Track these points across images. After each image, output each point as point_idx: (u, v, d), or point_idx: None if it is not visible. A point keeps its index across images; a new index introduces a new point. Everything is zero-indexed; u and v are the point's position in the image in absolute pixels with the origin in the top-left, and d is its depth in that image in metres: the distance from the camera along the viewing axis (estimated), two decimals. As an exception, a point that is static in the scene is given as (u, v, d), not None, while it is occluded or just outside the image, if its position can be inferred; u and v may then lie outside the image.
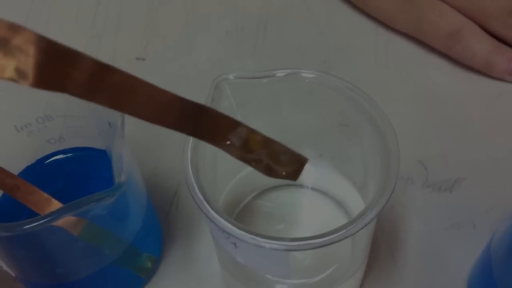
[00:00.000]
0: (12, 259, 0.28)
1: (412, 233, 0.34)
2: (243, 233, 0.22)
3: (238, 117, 0.26)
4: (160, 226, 0.34)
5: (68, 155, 0.33)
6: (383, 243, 0.34)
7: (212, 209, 0.23)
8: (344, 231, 0.23)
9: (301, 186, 0.32)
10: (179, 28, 0.45)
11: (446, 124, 0.39)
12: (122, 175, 0.25)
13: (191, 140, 0.26)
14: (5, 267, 0.29)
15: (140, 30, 0.45)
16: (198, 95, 0.30)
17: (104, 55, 0.43)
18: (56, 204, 0.28)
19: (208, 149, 0.27)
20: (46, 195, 0.28)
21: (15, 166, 0.31)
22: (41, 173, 0.32)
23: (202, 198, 0.24)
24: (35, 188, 0.28)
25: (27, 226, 0.24)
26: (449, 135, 0.38)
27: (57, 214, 0.25)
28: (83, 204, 0.25)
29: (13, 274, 0.29)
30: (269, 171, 0.23)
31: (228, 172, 0.31)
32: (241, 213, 0.32)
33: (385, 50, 0.43)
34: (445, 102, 0.40)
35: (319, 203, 0.32)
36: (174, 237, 0.35)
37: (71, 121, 0.31)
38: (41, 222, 0.24)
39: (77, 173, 0.33)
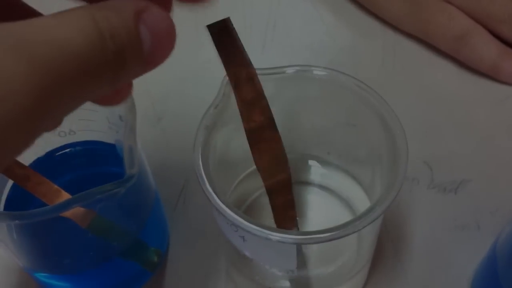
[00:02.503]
0: (21, 249, 0.29)
1: (416, 234, 0.34)
2: (252, 225, 0.23)
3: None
4: (167, 220, 0.34)
5: (78, 148, 0.33)
6: (387, 242, 0.34)
7: (222, 202, 0.23)
8: (351, 226, 0.23)
9: (307, 183, 0.32)
10: (188, 25, 0.45)
11: (452, 126, 0.39)
12: (132, 167, 0.25)
13: (202, 134, 0.26)
14: (13, 258, 0.29)
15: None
16: (206, 91, 0.31)
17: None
18: (65, 196, 0.29)
19: (218, 145, 0.27)
20: (55, 186, 0.29)
21: (25, 158, 0.31)
22: (50, 165, 0.32)
23: (212, 191, 0.24)
24: (45, 179, 0.29)
25: (37, 215, 0.24)
26: (455, 137, 0.39)
27: (67, 204, 0.25)
28: (93, 195, 0.25)
29: (20, 264, 0.29)
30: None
31: (237, 168, 0.31)
32: (248, 209, 0.32)
33: (392, 51, 0.43)
34: (451, 104, 0.40)
35: (325, 200, 0.32)
36: (180, 231, 0.35)
37: (81, 114, 0.31)
38: (50, 211, 0.24)
39: (86, 166, 0.33)
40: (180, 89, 0.42)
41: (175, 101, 0.41)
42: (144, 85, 0.41)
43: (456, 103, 0.40)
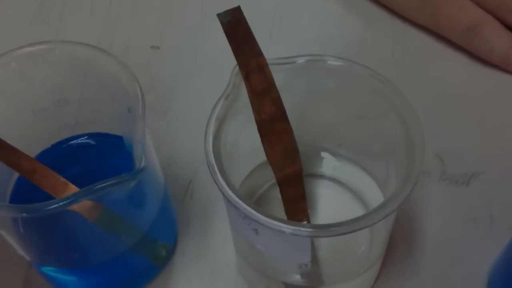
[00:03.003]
0: (27, 243, 0.28)
1: (428, 227, 0.34)
2: (266, 218, 0.22)
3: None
4: (175, 214, 0.34)
5: (84, 140, 0.32)
6: (399, 236, 0.33)
7: (235, 194, 0.23)
8: (366, 219, 0.23)
9: (319, 176, 0.32)
10: (195, 17, 0.45)
11: (463, 118, 0.39)
12: (143, 160, 0.25)
13: (213, 126, 0.25)
14: (20, 252, 0.29)
15: (155, 18, 0.44)
16: (212, 83, 0.30)
17: (119, 43, 0.42)
18: (72, 189, 0.28)
19: (229, 137, 0.26)
20: (63, 179, 0.28)
21: (31, 150, 0.30)
22: (56, 158, 0.32)
23: (225, 183, 0.23)
24: (52, 172, 0.28)
25: (45, 208, 0.24)
26: (466, 129, 0.38)
27: (76, 197, 0.24)
28: (102, 187, 0.24)
29: (28, 259, 0.29)
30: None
31: (247, 160, 0.30)
32: (257, 202, 0.31)
33: (402, 43, 0.43)
34: (462, 96, 0.40)
35: (337, 194, 0.31)
36: (188, 225, 0.34)
37: (87, 105, 0.31)
38: (58, 204, 0.24)
39: (92, 159, 0.32)
40: (186, 82, 0.41)
41: (181, 94, 0.40)
42: (149, 79, 0.41)
43: (466, 95, 0.40)
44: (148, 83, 0.38)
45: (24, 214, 0.24)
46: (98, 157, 0.33)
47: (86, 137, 0.32)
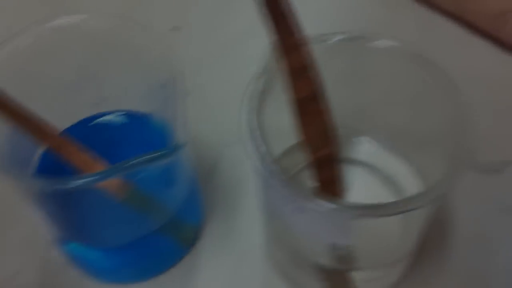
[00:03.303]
0: (54, 217, 0.27)
1: (460, 217, 0.33)
2: (315, 197, 0.21)
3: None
4: (201, 196, 0.33)
5: (111, 117, 0.31)
6: (429, 227, 0.33)
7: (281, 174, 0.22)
8: (417, 200, 0.22)
9: (354, 161, 0.31)
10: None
11: (492, 107, 0.38)
12: (181, 136, 0.24)
13: (253, 103, 0.25)
14: (45, 229, 0.28)
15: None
16: (235, 64, 0.30)
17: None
18: (101, 165, 0.27)
19: (263, 117, 0.26)
20: (92, 155, 0.27)
21: (58, 126, 0.29)
22: (83, 134, 0.31)
23: (271, 161, 0.23)
24: (81, 147, 0.27)
25: (74, 183, 0.23)
26: (496, 117, 0.37)
27: (107, 173, 0.23)
28: (135, 164, 0.23)
29: (54, 235, 0.28)
30: None
31: (279, 141, 0.29)
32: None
33: (427, 29, 0.42)
34: (491, 84, 0.39)
35: (373, 180, 0.30)
36: (214, 207, 0.33)
37: (116, 81, 0.30)
38: (88, 179, 0.23)
39: (118, 136, 0.31)
40: (208, 63, 0.40)
41: (204, 74, 0.40)
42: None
43: (496, 83, 0.39)
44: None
45: (52, 188, 0.23)
46: (125, 135, 0.32)
47: (113, 114, 0.31)
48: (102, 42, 0.28)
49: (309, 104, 0.25)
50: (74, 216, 0.27)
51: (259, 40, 0.25)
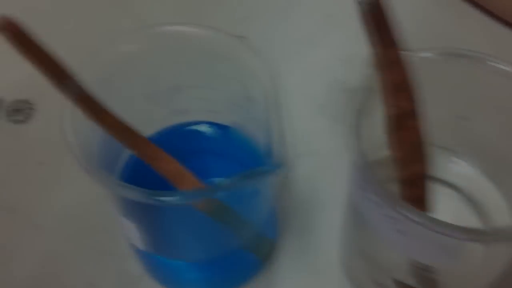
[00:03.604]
0: (140, 227, 0.27)
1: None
2: (428, 218, 0.21)
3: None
4: (275, 209, 0.33)
5: (191, 128, 0.31)
6: None
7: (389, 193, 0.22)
8: None
9: (440, 180, 0.30)
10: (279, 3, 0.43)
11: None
12: (281, 153, 0.23)
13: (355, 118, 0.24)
14: (132, 238, 0.27)
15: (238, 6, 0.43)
16: (302, 74, 0.27)
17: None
18: (188, 175, 0.27)
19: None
20: (180, 165, 0.27)
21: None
22: (162, 145, 0.31)
23: (375, 178, 0.22)
24: (170, 156, 0.27)
25: (174, 200, 0.22)
26: None
27: (211, 190, 0.23)
28: (239, 180, 0.23)
29: (139, 246, 0.28)
30: None
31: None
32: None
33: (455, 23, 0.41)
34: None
35: (458, 204, 0.30)
36: (287, 222, 0.33)
37: (199, 93, 0.30)
38: (193, 195, 0.23)
39: (200, 146, 0.31)
40: (278, 72, 0.40)
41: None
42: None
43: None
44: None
45: (146, 200, 0.23)
46: (203, 147, 0.31)
47: (193, 125, 0.31)
48: (192, 53, 0.28)
49: (407, 119, 0.25)
50: (159, 228, 0.27)
51: (322, 49, 0.25)
